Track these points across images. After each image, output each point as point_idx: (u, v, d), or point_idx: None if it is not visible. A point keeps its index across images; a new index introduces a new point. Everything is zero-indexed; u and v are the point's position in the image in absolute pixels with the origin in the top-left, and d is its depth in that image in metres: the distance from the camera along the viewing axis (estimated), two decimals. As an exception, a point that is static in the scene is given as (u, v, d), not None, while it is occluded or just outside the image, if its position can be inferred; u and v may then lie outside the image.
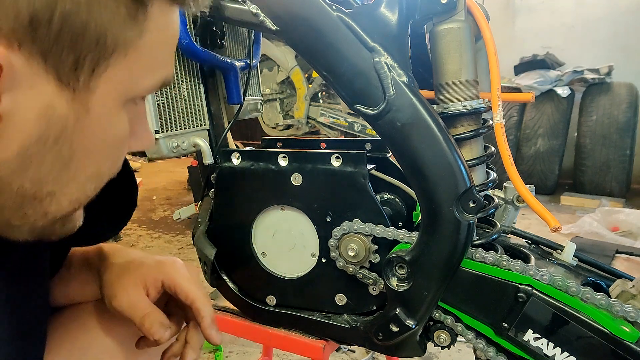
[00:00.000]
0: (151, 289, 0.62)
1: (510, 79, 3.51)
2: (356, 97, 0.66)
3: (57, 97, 0.38)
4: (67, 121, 0.39)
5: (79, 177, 0.43)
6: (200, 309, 0.61)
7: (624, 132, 3.08)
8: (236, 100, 0.95)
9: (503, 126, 0.70)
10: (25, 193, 0.40)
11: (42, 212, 0.43)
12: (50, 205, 0.42)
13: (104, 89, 0.40)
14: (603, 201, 3.04)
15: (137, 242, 2.70)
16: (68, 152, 0.40)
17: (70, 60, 0.37)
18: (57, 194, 0.42)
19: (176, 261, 0.66)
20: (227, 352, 1.57)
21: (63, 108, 0.38)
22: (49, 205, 0.42)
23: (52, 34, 0.36)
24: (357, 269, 0.75)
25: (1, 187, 0.39)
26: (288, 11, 0.68)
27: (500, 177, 0.75)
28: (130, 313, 0.60)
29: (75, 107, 0.39)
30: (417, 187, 0.66)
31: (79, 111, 0.39)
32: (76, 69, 0.37)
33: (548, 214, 0.70)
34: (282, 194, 0.78)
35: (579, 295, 0.60)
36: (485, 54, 0.69)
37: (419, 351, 0.74)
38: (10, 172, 0.39)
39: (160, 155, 0.84)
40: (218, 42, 0.92)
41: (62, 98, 0.38)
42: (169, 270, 0.64)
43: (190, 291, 0.62)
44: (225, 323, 0.90)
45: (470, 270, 0.66)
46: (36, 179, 0.40)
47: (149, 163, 4.65)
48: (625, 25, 3.52)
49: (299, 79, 3.45)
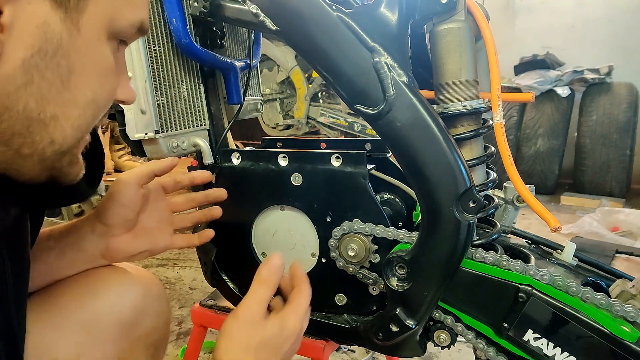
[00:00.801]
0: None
1: (510, 79, 3.51)
2: (356, 97, 0.67)
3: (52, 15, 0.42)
4: (62, 37, 0.43)
5: (79, 100, 0.46)
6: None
7: (624, 132, 3.08)
8: (236, 100, 0.95)
9: (503, 126, 0.70)
10: (30, 114, 0.43)
11: (48, 139, 0.45)
12: (55, 130, 0.45)
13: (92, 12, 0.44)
14: (603, 201, 3.04)
15: (137, 242, 2.70)
16: (65, 69, 0.44)
17: None
18: (60, 117, 0.45)
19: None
20: (227, 352, 1.56)
21: (57, 25, 0.42)
22: (54, 130, 0.45)
23: None
24: (357, 269, 0.75)
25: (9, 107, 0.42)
26: (288, 11, 0.68)
27: (500, 177, 0.75)
28: None
29: (68, 25, 0.43)
30: (417, 187, 0.66)
31: (71, 30, 0.43)
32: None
33: (548, 214, 0.70)
34: (282, 194, 0.78)
35: (579, 295, 0.60)
36: (485, 54, 0.69)
37: (419, 351, 0.74)
38: (15, 87, 0.41)
39: (160, 155, 0.84)
40: (218, 42, 0.92)
41: (56, 16, 0.42)
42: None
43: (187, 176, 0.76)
44: (225, 323, 0.90)
45: (470, 270, 0.66)
46: (39, 97, 0.43)
47: (148, 163, 4.64)
48: (625, 25, 3.52)
49: (299, 79, 3.45)
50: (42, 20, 0.41)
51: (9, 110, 0.42)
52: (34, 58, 0.41)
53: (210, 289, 0.95)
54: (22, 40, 0.41)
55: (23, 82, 0.42)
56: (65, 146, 0.47)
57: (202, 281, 2.09)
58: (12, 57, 0.41)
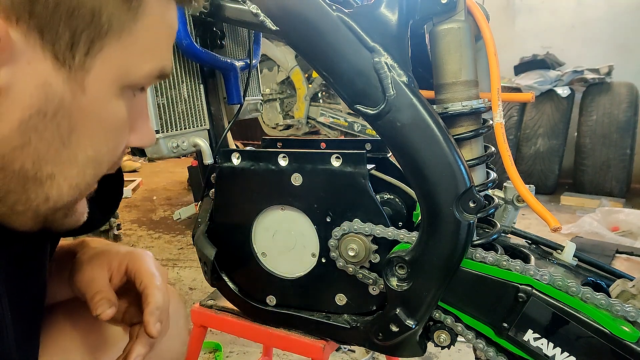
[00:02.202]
0: (115, 273, 0.62)
1: (510, 79, 3.51)
2: (356, 97, 0.67)
3: (54, 75, 0.39)
4: (64, 98, 0.40)
5: (79, 159, 0.44)
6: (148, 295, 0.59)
7: (624, 132, 3.08)
8: (236, 101, 0.95)
9: (503, 126, 0.70)
10: (27, 174, 0.41)
11: (43, 196, 0.43)
12: (51, 188, 0.43)
13: (100, 70, 0.41)
14: (603, 201, 3.04)
15: (137, 242, 2.70)
16: (66, 130, 0.41)
17: (66, 37, 0.38)
18: (57, 176, 0.43)
19: (147, 253, 0.66)
20: (227, 352, 1.57)
21: (59, 85, 0.39)
22: (50, 188, 0.43)
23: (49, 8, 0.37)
24: (357, 269, 0.75)
25: (4, 166, 0.40)
26: (288, 11, 0.68)
27: (500, 177, 0.75)
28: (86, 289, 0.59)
29: (71, 85, 0.40)
30: (417, 187, 0.66)
31: (75, 90, 0.40)
32: (72, 46, 0.39)
33: (548, 214, 0.70)
34: (282, 194, 0.78)
35: (579, 295, 0.60)
36: (485, 54, 0.69)
37: (419, 351, 0.74)
38: (11, 148, 0.40)
39: (160, 156, 0.84)
40: (218, 42, 0.92)
41: (58, 76, 0.39)
42: (136, 257, 0.64)
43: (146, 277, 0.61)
44: (225, 323, 0.90)
45: (470, 270, 0.66)
46: (36, 157, 0.41)
47: (149, 163, 4.65)
48: (625, 25, 3.52)
49: (299, 79, 3.45)
50: (42, 81, 0.39)
51: (3, 170, 0.40)
52: (32, 119, 0.39)
53: (210, 289, 0.95)
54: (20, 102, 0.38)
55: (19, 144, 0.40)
56: (60, 203, 0.45)
57: (202, 281, 2.09)
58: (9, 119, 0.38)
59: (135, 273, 0.62)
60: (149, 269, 0.62)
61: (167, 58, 0.48)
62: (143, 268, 0.62)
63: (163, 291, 0.61)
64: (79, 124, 0.42)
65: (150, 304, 0.59)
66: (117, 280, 0.62)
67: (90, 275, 0.61)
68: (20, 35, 0.37)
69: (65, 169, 0.43)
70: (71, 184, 0.44)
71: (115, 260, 0.63)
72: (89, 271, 0.61)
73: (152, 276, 0.61)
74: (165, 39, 0.47)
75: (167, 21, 0.46)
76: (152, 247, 2.61)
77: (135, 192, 3.82)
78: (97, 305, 0.57)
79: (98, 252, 0.64)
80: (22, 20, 0.37)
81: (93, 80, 0.41)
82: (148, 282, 0.60)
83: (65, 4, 0.38)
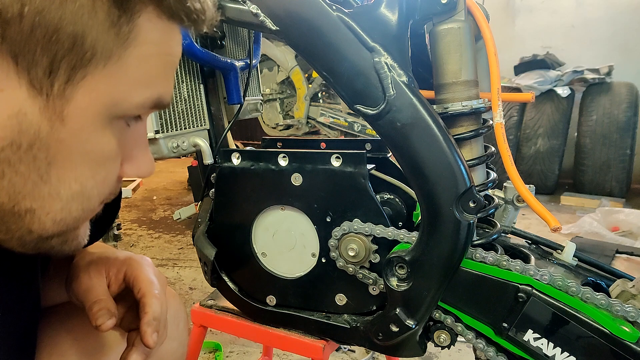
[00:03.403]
0: (113, 280, 0.61)
1: (510, 79, 3.52)
2: (356, 97, 0.67)
3: (29, 103, 0.36)
4: (40, 129, 0.37)
5: (61, 193, 0.40)
6: (146, 305, 0.58)
7: (624, 132, 3.08)
8: (236, 101, 0.95)
9: (503, 126, 0.70)
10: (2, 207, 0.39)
11: (25, 229, 0.41)
12: (32, 223, 0.40)
13: (82, 99, 0.38)
14: (603, 201, 3.04)
15: (137, 242, 2.70)
16: (44, 163, 0.38)
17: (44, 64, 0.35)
18: (38, 211, 0.40)
19: (145, 259, 0.64)
20: (227, 352, 1.57)
21: (35, 115, 0.36)
22: (30, 223, 0.40)
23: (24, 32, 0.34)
24: (357, 269, 0.75)
25: None
26: (288, 11, 0.68)
27: (500, 177, 0.75)
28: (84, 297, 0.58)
29: (49, 115, 0.37)
30: (417, 187, 0.66)
31: (54, 120, 0.37)
32: (50, 73, 0.36)
33: (548, 214, 0.70)
34: (282, 194, 0.78)
35: (579, 295, 0.60)
36: (485, 54, 0.69)
37: (419, 351, 0.74)
38: None
39: (160, 156, 0.84)
40: (218, 42, 0.92)
41: (34, 105, 0.36)
42: (134, 264, 0.62)
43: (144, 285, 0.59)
44: (225, 323, 0.90)
45: (470, 270, 0.66)
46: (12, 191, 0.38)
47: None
48: (625, 25, 3.52)
49: (299, 79, 3.45)
50: (16, 110, 0.35)
51: None
52: (4, 151, 0.36)
53: (210, 289, 0.95)
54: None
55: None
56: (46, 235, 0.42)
57: (202, 281, 2.09)
58: None
59: (134, 281, 0.60)
60: (148, 277, 0.61)
61: (164, 87, 0.44)
62: (141, 276, 0.60)
63: (161, 300, 0.59)
64: (59, 157, 0.39)
65: (147, 313, 0.57)
66: (115, 287, 0.61)
67: (89, 283, 0.59)
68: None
69: (46, 205, 0.40)
70: (55, 219, 0.41)
71: (114, 267, 0.61)
72: (87, 279, 0.59)
73: (151, 284, 0.60)
74: (162, 68, 0.43)
75: (165, 49, 0.42)
76: (152, 247, 2.61)
77: (135, 192, 3.82)
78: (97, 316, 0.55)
79: (96, 259, 0.62)
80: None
81: (74, 110, 0.37)
82: (146, 291, 0.59)
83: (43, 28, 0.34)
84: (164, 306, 0.59)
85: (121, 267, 0.62)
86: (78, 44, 0.36)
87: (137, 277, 0.60)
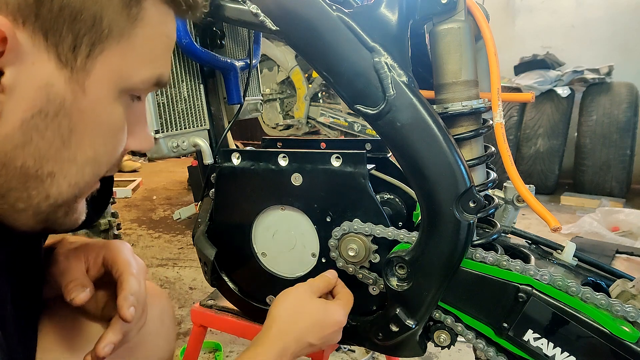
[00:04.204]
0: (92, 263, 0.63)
1: (510, 79, 3.51)
2: (356, 97, 0.66)
3: (56, 75, 0.41)
4: (65, 98, 0.42)
5: (78, 158, 0.45)
6: (123, 282, 0.59)
7: (624, 132, 3.08)
8: (236, 101, 0.95)
9: (503, 126, 0.70)
10: (28, 171, 0.43)
11: (44, 194, 0.45)
12: (51, 186, 0.45)
13: (99, 72, 0.43)
14: (603, 201, 3.04)
15: (137, 241, 2.70)
16: (67, 129, 0.43)
17: (69, 40, 0.40)
18: (57, 175, 0.44)
19: (124, 244, 0.66)
20: (227, 352, 1.57)
21: (61, 86, 0.41)
22: (50, 186, 0.44)
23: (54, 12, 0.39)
24: (357, 269, 0.75)
25: (6, 164, 0.42)
26: (288, 11, 0.68)
27: (500, 177, 0.75)
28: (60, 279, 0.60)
29: (73, 86, 0.42)
30: (417, 187, 0.66)
31: (76, 91, 0.42)
32: (74, 49, 0.41)
33: (548, 214, 0.70)
34: (282, 194, 0.78)
35: (579, 295, 0.60)
36: (485, 54, 0.69)
37: (419, 351, 0.74)
38: (13, 146, 0.41)
39: (160, 155, 0.84)
40: (218, 42, 0.92)
41: (60, 77, 0.41)
42: (113, 247, 0.64)
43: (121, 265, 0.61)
44: (225, 323, 0.90)
45: (471, 270, 0.66)
46: (37, 156, 0.42)
47: (149, 163, 4.64)
48: (625, 25, 3.52)
49: (299, 79, 3.45)
50: (45, 82, 0.40)
51: (6, 167, 0.42)
52: (34, 119, 0.41)
53: (210, 289, 0.95)
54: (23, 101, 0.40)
55: (21, 142, 0.41)
56: (60, 200, 0.46)
57: (202, 281, 2.09)
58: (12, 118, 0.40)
59: (112, 262, 0.62)
60: (126, 258, 0.63)
61: (164, 66, 0.49)
62: (119, 257, 0.62)
63: (139, 279, 0.61)
64: (79, 124, 0.43)
65: (124, 289, 0.59)
66: (94, 271, 0.63)
67: (66, 265, 0.61)
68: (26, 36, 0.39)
69: (64, 168, 0.45)
70: (70, 182, 0.46)
71: (92, 252, 0.64)
72: (65, 262, 0.61)
73: (128, 264, 0.62)
74: (162, 48, 0.49)
75: (165, 31, 0.48)
76: (152, 246, 2.61)
77: (135, 192, 3.82)
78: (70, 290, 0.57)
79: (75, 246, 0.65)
80: (28, 22, 0.38)
81: (93, 82, 0.43)
82: (123, 270, 0.61)
83: (69, 8, 0.39)
84: (142, 286, 0.61)
85: (99, 251, 0.64)
86: (97, 23, 0.41)
87: (115, 259, 0.62)
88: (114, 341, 0.57)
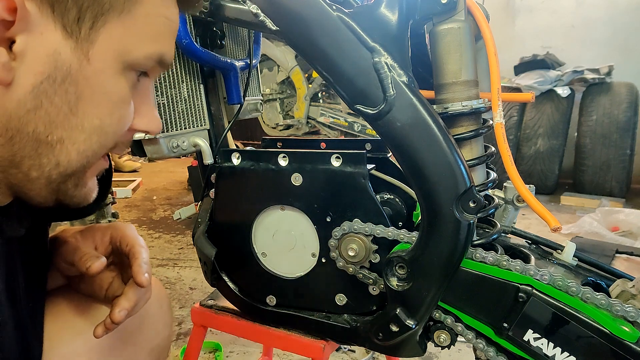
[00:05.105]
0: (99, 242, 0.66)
1: (510, 79, 3.51)
2: (356, 97, 0.66)
3: (63, 44, 0.44)
4: (71, 66, 0.45)
5: (85, 126, 0.47)
6: (136, 252, 0.63)
7: (624, 132, 3.08)
8: (236, 101, 0.95)
9: (503, 126, 0.70)
10: (39, 136, 0.45)
11: (54, 161, 0.47)
12: (60, 153, 0.47)
13: (103, 43, 0.46)
14: (603, 201, 3.04)
15: (137, 242, 2.70)
16: (74, 96, 0.46)
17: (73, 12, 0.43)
18: (66, 141, 0.47)
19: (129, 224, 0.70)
20: (227, 352, 1.57)
21: (67, 54, 0.44)
22: (59, 153, 0.47)
23: None
24: (357, 269, 0.75)
25: (20, 129, 0.44)
26: (288, 11, 0.68)
27: (500, 177, 0.75)
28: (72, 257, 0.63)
29: (78, 55, 0.45)
30: (417, 187, 0.66)
31: (81, 59, 0.45)
32: (78, 20, 0.44)
33: (548, 214, 0.70)
34: (282, 194, 0.78)
35: (579, 295, 0.60)
36: (485, 54, 0.69)
37: (419, 351, 0.74)
38: (26, 111, 0.44)
39: (160, 155, 0.84)
40: (218, 42, 0.92)
41: (66, 46, 0.44)
42: (119, 227, 0.68)
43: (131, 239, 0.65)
44: (225, 323, 0.90)
45: (471, 270, 0.66)
46: (47, 121, 0.45)
47: (149, 163, 4.65)
48: (625, 25, 3.52)
49: (299, 79, 3.45)
50: (53, 49, 0.43)
51: (20, 132, 0.45)
52: (43, 84, 0.44)
53: (210, 289, 0.95)
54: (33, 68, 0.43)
55: (33, 107, 0.44)
56: (70, 169, 0.49)
57: (202, 281, 2.09)
58: (23, 83, 0.43)
59: (120, 239, 0.66)
60: (133, 234, 0.66)
61: (166, 46, 0.52)
62: (127, 233, 0.66)
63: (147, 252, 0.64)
64: (85, 92, 0.46)
65: (137, 258, 0.62)
66: (102, 249, 0.66)
67: (76, 244, 0.64)
68: (35, 7, 0.42)
69: (73, 134, 0.47)
70: (79, 149, 0.48)
71: (99, 232, 0.67)
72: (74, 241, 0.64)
73: (137, 238, 0.66)
74: (164, 29, 0.51)
75: (165, 13, 0.50)
76: (152, 246, 2.61)
77: (135, 192, 3.82)
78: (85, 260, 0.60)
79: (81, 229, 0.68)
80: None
81: (97, 52, 0.46)
82: (134, 242, 0.64)
83: None
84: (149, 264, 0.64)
85: (106, 230, 0.67)
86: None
87: (122, 235, 0.66)
88: (127, 307, 0.60)
